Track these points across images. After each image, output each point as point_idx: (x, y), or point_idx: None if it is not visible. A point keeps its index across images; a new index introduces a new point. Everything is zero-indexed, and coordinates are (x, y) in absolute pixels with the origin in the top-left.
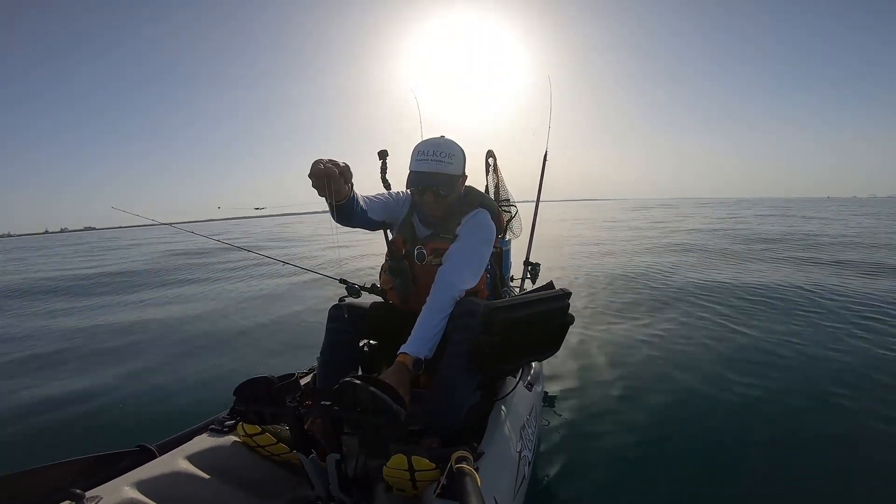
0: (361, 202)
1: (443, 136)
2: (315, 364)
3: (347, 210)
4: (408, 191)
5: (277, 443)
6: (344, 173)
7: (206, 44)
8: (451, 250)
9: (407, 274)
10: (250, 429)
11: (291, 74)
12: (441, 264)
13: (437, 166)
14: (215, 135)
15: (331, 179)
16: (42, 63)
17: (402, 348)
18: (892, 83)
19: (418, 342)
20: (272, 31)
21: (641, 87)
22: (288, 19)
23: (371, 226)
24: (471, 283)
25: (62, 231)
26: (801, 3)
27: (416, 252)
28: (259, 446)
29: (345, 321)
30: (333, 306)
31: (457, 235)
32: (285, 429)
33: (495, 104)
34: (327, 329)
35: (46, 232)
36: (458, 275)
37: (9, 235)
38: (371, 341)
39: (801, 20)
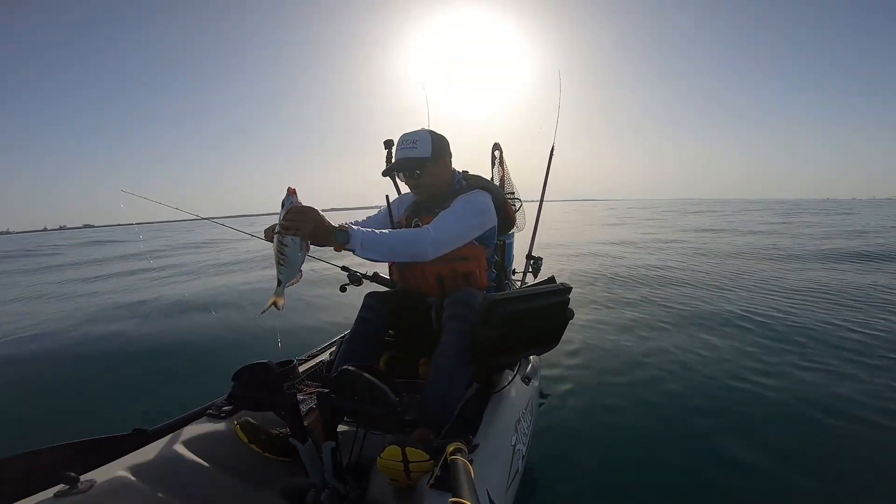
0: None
1: (421, 129)
2: (314, 350)
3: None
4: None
5: (265, 452)
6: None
7: (206, 37)
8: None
9: None
10: (242, 436)
11: (295, 68)
12: None
13: (403, 153)
14: (215, 130)
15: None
16: (35, 58)
17: (352, 227)
18: (892, 84)
19: (367, 234)
20: (274, 25)
21: (642, 87)
22: (293, 12)
23: None
24: (444, 236)
25: (61, 228)
26: (804, 3)
27: (413, 223)
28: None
29: (377, 310)
30: (368, 294)
31: None
32: (281, 431)
33: (504, 98)
34: (359, 318)
35: (45, 229)
36: (434, 226)
37: (8, 232)
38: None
39: (803, 19)
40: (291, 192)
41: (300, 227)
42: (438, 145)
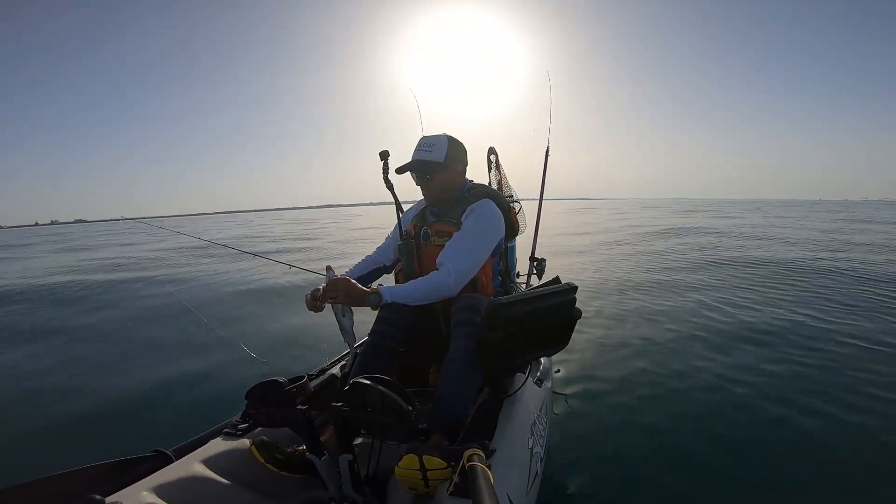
0: (373, 266)
1: (442, 134)
2: (324, 365)
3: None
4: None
5: (281, 471)
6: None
7: (202, 37)
8: (452, 237)
9: (412, 253)
10: (258, 455)
11: (288, 69)
12: (443, 245)
13: (418, 154)
14: (210, 128)
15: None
16: (31, 55)
17: (381, 287)
18: (888, 82)
19: (395, 289)
20: (269, 24)
21: (635, 86)
22: (286, 12)
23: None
24: (466, 266)
25: (52, 223)
26: (798, 1)
27: (422, 232)
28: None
29: (393, 322)
30: (383, 306)
31: (461, 223)
32: (298, 450)
33: (503, 98)
34: (374, 330)
35: (36, 224)
36: (452, 257)
37: None
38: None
39: (795, 17)
40: (328, 269)
41: (335, 296)
42: (452, 153)
